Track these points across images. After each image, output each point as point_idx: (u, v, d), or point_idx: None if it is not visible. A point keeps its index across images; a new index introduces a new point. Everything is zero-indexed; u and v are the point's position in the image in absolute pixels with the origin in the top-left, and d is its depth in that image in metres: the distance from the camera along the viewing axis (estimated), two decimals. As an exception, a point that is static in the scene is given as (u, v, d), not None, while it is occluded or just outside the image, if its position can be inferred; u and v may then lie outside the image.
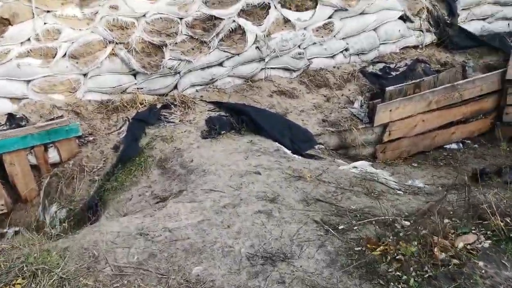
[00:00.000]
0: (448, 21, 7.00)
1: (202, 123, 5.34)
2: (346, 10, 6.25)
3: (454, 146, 6.62)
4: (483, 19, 7.11)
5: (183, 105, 5.57)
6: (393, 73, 6.40)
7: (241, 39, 5.82)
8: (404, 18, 6.77)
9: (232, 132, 5.20)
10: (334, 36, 6.29)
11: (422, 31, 6.90)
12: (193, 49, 5.67)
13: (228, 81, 5.95)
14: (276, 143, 5.14)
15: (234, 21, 5.74)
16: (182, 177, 4.48)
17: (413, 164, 6.13)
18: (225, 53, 5.76)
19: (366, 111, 5.84)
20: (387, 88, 5.68)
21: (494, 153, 6.55)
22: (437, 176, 5.66)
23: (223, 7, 5.67)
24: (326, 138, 5.63)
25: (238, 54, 5.80)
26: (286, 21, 6.02)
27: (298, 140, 5.34)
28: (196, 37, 5.63)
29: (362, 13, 6.42)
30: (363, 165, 4.87)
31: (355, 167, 4.81)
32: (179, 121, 5.38)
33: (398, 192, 4.22)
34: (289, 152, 5.02)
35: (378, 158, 6.00)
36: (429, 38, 6.98)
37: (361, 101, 6.02)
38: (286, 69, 6.18)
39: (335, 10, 6.25)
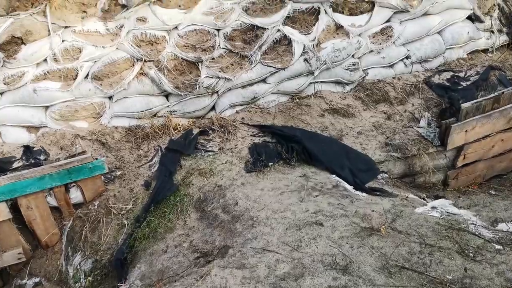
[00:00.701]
0: (524, 20, 6.03)
1: (245, 151, 4.58)
2: (408, 11, 5.36)
3: (534, 166, 5.69)
4: None
5: (223, 130, 4.82)
6: (463, 83, 5.49)
7: (287, 51, 5.03)
8: (472, 18, 5.84)
9: (280, 163, 4.43)
10: (394, 42, 5.42)
11: (493, 32, 5.96)
12: (232, 64, 4.91)
13: (273, 99, 5.17)
14: (334, 175, 4.35)
15: (278, 30, 4.94)
16: (225, 225, 3.74)
17: (490, 191, 5.23)
18: (269, 67, 4.97)
19: (436, 131, 4.95)
20: (463, 105, 4.78)
21: None
22: (524, 208, 4.77)
23: (266, 15, 4.87)
24: (390, 165, 4.79)
25: (283, 69, 5.01)
26: (338, 27, 5.18)
27: (358, 170, 4.52)
28: (236, 51, 4.86)
29: (424, 14, 5.52)
30: (443, 205, 4.02)
31: (433, 207, 3.96)
32: (219, 149, 4.63)
33: (497, 246, 3.36)
34: (350, 187, 4.21)
35: (450, 185, 5.13)
36: (501, 39, 6.03)
37: (428, 118, 5.14)
38: (338, 82, 5.35)
39: (394, 12, 5.37)
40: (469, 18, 5.81)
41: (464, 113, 4.79)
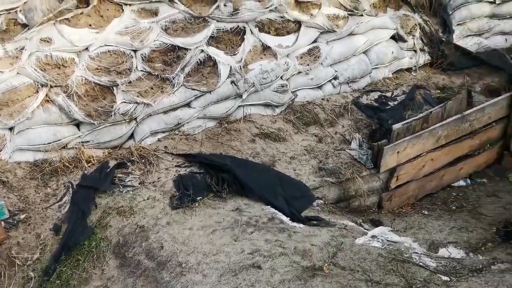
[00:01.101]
0: (443, 39, 6.15)
1: (170, 184, 4.14)
2: (334, 31, 5.25)
3: (462, 182, 5.78)
4: (480, 35, 6.32)
5: (143, 161, 4.35)
6: (391, 103, 5.45)
7: (212, 73, 4.69)
8: (395, 38, 5.86)
9: (210, 197, 4.04)
10: (321, 63, 5.26)
11: (416, 51, 6.02)
12: (152, 88, 4.48)
13: (199, 125, 4.79)
14: (268, 206, 4.03)
15: (202, 51, 4.60)
16: (150, 274, 3.27)
17: (423, 211, 5.19)
18: (193, 91, 4.60)
19: (368, 153, 4.82)
20: (394, 126, 4.70)
21: (506, 188, 5.76)
22: (457, 228, 4.75)
23: (188, 35, 4.52)
24: (325, 191, 4.57)
25: (209, 92, 4.66)
26: (265, 48, 4.94)
27: (293, 198, 4.25)
28: (156, 73, 4.44)
29: (350, 34, 5.44)
30: (383, 233, 3.84)
31: (374, 236, 3.76)
32: (140, 183, 4.16)
33: (443, 278, 3.20)
34: (286, 219, 3.91)
35: (384, 207, 5.01)
36: (423, 58, 6.11)
37: (359, 139, 5.01)
38: (267, 105, 5.09)
39: (321, 33, 5.24)
40: (393, 37, 5.83)
41: (395, 135, 4.71)
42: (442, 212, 5.18)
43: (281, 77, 5.03)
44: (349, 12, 5.37)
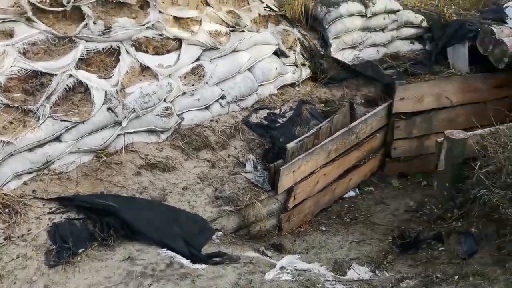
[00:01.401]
0: (322, 52, 6.22)
1: (44, 237, 3.47)
2: (217, 48, 4.97)
3: (352, 193, 5.93)
4: (354, 47, 6.52)
5: (7, 211, 3.59)
6: (280, 120, 5.31)
7: (85, 100, 4.09)
8: (278, 53, 5.76)
9: (95, 247, 3.45)
10: (207, 82, 4.93)
11: (298, 66, 5.99)
12: (12, 123, 3.74)
13: (72, 161, 4.12)
14: (165, 249, 3.57)
15: (71, 75, 3.99)
16: None
17: (321, 227, 5.14)
18: (63, 122, 3.93)
19: (265, 175, 4.61)
20: (288, 145, 4.55)
21: (391, 194, 6.00)
22: (356, 242, 4.75)
23: (53, 58, 3.89)
24: (224, 221, 4.25)
25: (83, 122, 4.03)
26: (144, 68, 4.47)
27: (190, 235, 3.84)
28: (16, 105, 3.72)
29: (234, 51, 5.21)
30: (290, 262, 3.61)
31: (282, 267, 3.51)
32: (5, 239, 3.41)
33: (360, 306, 3.05)
34: (186, 262, 3.48)
35: (284, 229, 4.86)
36: (305, 73, 6.11)
37: (253, 161, 4.77)
38: (151, 131, 4.59)
39: (204, 50, 4.92)
40: (275, 53, 5.72)
41: (290, 154, 4.56)
42: (339, 226, 5.17)
43: (165, 100, 4.59)
44: (231, 28, 5.14)
